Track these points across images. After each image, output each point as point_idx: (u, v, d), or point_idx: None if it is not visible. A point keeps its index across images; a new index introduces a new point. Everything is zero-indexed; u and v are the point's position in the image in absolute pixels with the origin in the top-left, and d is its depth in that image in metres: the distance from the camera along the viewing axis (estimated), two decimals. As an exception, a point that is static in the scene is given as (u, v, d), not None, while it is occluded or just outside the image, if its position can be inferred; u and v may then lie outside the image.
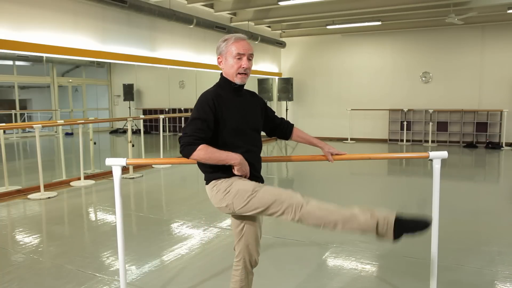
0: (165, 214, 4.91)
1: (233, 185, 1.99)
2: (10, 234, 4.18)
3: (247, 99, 2.17)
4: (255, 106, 2.20)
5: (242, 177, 2.02)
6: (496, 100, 10.87)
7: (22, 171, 7.64)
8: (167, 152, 8.99)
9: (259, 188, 1.96)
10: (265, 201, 1.93)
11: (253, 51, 2.12)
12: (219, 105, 2.00)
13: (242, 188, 1.97)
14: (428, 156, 2.37)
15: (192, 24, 8.70)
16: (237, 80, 2.06)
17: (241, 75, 2.05)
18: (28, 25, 6.04)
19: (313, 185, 6.60)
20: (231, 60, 2.05)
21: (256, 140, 2.14)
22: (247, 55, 2.05)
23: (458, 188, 6.17)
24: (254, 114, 2.16)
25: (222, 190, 2.01)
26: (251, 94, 2.25)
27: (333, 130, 12.81)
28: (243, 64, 2.04)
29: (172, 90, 9.78)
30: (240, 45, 2.04)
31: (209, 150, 1.93)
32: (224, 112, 2.01)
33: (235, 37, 2.07)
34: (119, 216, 2.38)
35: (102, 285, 2.93)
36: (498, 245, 3.65)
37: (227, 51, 2.06)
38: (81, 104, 9.34)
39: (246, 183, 1.99)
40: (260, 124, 2.22)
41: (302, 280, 2.98)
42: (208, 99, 2.00)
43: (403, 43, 11.84)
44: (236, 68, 2.04)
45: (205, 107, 1.98)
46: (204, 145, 1.93)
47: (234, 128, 2.02)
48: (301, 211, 1.90)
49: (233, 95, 2.09)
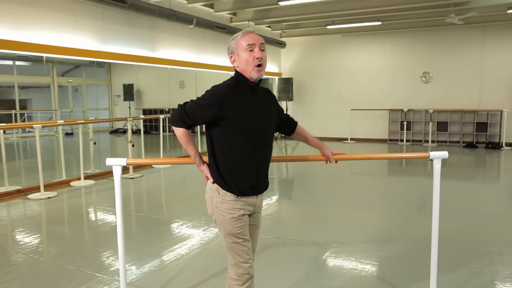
0: (165, 214, 4.91)
1: (222, 213, 2.02)
2: (10, 234, 4.18)
3: (262, 98, 2.08)
4: (269, 107, 2.12)
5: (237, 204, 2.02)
6: (496, 100, 10.87)
7: (22, 171, 7.63)
8: (167, 152, 8.99)
9: (232, 239, 2.02)
10: (229, 250, 2.05)
11: (264, 41, 2.03)
12: (229, 104, 1.93)
13: (223, 223, 2.02)
14: (428, 156, 2.36)
15: (192, 24, 8.70)
16: (254, 74, 1.95)
17: (258, 67, 1.95)
18: (28, 25, 6.04)
19: (313, 185, 6.60)
20: (243, 54, 1.95)
21: (266, 142, 2.07)
22: (258, 44, 1.96)
23: (458, 188, 6.17)
24: (269, 115, 2.09)
25: (214, 201, 2.04)
26: (265, 92, 2.15)
27: (333, 130, 12.81)
28: (256, 54, 1.94)
29: (172, 90, 9.77)
30: (248, 37, 1.97)
31: (185, 139, 2.03)
32: (235, 112, 1.93)
33: (243, 31, 2.01)
34: (119, 216, 2.38)
35: (102, 285, 2.93)
36: (498, 245, 3.65)
37: (238, 46, 1.97)
38: (81, 104, 9.34)
39: (229, 224, 2.01)
40: (273, 126, 2.14)
41: (302, 280, 2.98)
42: (220, 95, 1.93)
43: (403, 43, 11.84)
44: (251, 61, 1.93)
45: (212, 100, 1.92)
46: (184, 131, 2.01)
47: (244, 128, 1.95)
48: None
49: (248, 94, 2.00)
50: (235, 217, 1.99)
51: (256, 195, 2.06)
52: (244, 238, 2.03)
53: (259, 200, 2.10)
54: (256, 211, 2.13)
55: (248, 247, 2.04)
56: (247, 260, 2.03)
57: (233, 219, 1.99)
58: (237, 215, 1.99)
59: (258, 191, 2.06)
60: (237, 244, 2.01)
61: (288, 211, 5.08)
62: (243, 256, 2.02)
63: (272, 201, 5.37)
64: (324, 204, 5.34)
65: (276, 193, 5.81)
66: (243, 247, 2.02)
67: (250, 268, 2.03)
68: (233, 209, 1.99)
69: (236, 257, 2.02)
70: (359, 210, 5.01)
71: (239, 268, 2.02)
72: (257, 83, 2.01)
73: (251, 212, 2.08)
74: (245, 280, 2.03)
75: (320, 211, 5.01)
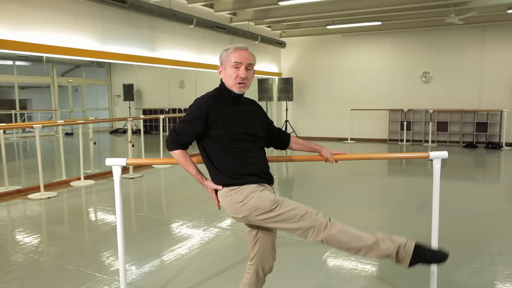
0: (165, 214, 4.91)
1: (250, 198, 1.94)
2: (10, 234, 4.18)
3: (247, 107, 2.15)
4: (254, 114, 2.17)
5: (257, 186, 1.99)
6: (496, 100, 10.87)
7: (22, 171, 7.63)
8: (167, 152, 8.97)
9: (277, 204, 1.91)
10: (285, 218, 1.90)
11: (254, 61, 2.09)
12: (214, 112, 1.99)
13: (259, 203, 1.93)
14: (428, 156, 2.37)
15: (192, 24, 8.70)
16: (235, 89, 2.04)
17: (239, 84, 2.03)
18: (28, 25, 6.04)
19: (313, 185, 6.60)
20: (229, 69, 2.05)
21: (257, 146, 2.10)
22: (245, 64, 2.03)
23: (458, 188, 6.17)
24: (253, 121, 2.12)
25: (237, 201, 1.97)
26: (251, 103, 2.22)
27: (333, 130, 12.81)
28: (240, 73, 2.02)
29: (172, 90, 9.78)
30: (238, 54, 2.04)
31: (182, 158, 2.08)
32: (220, 119, 2.00)
33: (235, 46, 2.07)
34: (119, 216, 2.38)
35: (102, 285, 2.93)
36: (498, 245, 3.65)
37: (226, 60, 2.06)
38: (81, 104, 9.34)
39: (263, 197, 1.93)
40: (260, 131, 2.16)
41: (302, 280, 2.98)
42: (204, 105, 2.01)
43: (403, 43, 11.84)
44: (234, 78, 2.03)
45: (197, 113, 1.99)
46: (181, 152, 2.06)
47: (231, 135, 2.00)
48: (324, 234, 1.87)
49: (231, 103, 2.08)
50: (260, 190, 1.98)
51: (267, 183, 2.09)
52: (283, 197, 1.97)
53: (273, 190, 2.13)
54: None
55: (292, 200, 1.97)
56: (302, 206, 1.92)
57: (261, 192, 1.96)
58: (261, 188, 1.99)
59: (268, 180, 2.10)
60: (283, 203, 1.91)
61: (288, 211, 5.06)
62: (297, 206, 1.91)
63: (272, 201, 5.36)
64: (324, 204, 5.34)
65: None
66: (288, 200, 1.94)
67: (313, 209, 1.92)
68: (256, 188, 1.98)
69: (292, 213, 1.88)
70: (359, 210, 5.01)
71: (305, 218, 1.87)
72: (240, 95, 2.09)
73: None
74: (321, 216, 1.90)
75: (320, 211, 5.00)
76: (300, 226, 1.89)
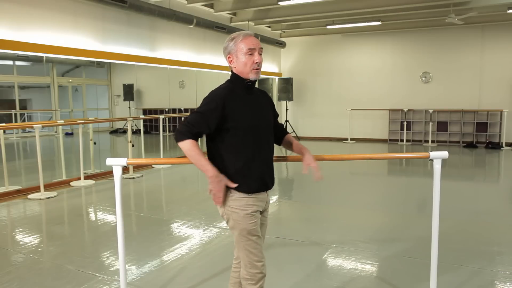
0: (165, 214, 4.91)
1: (238, 213, 2.00)
2: (10, 234, 4.18)
3: (259, 97, 2.16)
4: (267, 105, 2.19)
5: (252, 205, 2.02)
6: (496, 100, 10.87)
7: (22, 171, 7.63)
8: (167, 152, 8.98)
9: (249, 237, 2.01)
10: (244, 249, 2.03)
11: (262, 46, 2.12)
12: (230, 103, 1.98)
13: (240, 224, 2.00)
14: (428, 156, 2.37)
15: (192, 24, 8.70)
16: (252, 75, 2.03)
17: (256, 70, 2.04)
18: (28, 25, 6.04)
19: (313, 185, 6.60)
20: (242, 57, 2.02)
21: (269, 139, 2.13)
22: (258, 49, 2.04)
23: (458, 188, 6.17)
24: (266, 112, 2.16)
25: (229, 204, 2.02)
26: (261, 92, 2.23)
27: (333, 130, 12.81)
28: (256, 59, 2.02)
29: (172, 90, 9.77)
30: (249, 41, 2.03)
31: (193, 149, 1.95)
32: (236, 111, 1.98)
33: (243, 34, 2.06)
34: (119, 216, 2.38)
35: (102, 285, 2.93)
36: (498, 245, 3.65)
37: (237, 49, 2.04)
38: (81, 104, 9.34)
39: (246, 223, 2.00)
40: (272, 122, 2.19)
41: (302, 280, 2.98)
42: (219, 97, 1.98)
43: (403, 43, 11.84)
44: (250, 64, 2.01)
45: (212, 104, 1.95)
46: (192, 142, 1.95)
47: (247, 126, 2.00)
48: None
49: (245, 93, 2.07)
50: (249, 213, 2.01)
51: (265, 191, 2.12)
52: (258, 235, 2.04)
53: (268, 197, 2.16)
54: (265, 209, 2.17)
55: (261, 245, 2.05)
56: (261, 259, 2.04)
57: (247, 216, 2.01)
58: (250, 211, 2.01)
59: (267, 187, 2.11)
60: (251, 242, 2.01)
61: (288, 211, 5.08)
62: (257, 254, 2.03)
63: (272, 201, 5.37)
64: (324, 204, 5.34)
65: (276, 193, 5.81)
66: (257, 245, 2.03)
67: (263, 267, 2.04)
68: (246, 206, 2.01)
69: (250, 255, 2.02)
70: (359, 210, 5.01)
71: (253, 268, 2.02)
72: (253, 82, 2.08)
73: (262, 209, 2.11)
74: (258, 279, 2.03)
75: (320, 211, 5.01)
76: (245, 265, 2.04)
